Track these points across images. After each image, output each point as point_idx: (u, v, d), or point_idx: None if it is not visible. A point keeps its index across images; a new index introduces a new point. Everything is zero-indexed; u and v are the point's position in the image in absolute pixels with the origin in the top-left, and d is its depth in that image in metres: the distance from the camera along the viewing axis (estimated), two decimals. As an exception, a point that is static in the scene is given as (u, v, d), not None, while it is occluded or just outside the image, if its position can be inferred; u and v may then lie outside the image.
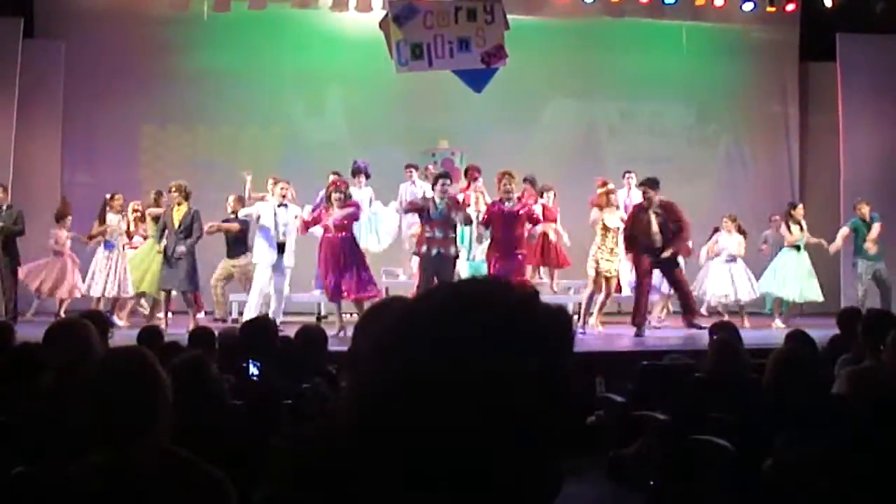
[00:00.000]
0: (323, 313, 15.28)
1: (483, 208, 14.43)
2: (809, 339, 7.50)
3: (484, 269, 13.98)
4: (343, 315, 13.93)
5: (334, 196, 13.92)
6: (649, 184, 14.06)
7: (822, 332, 8.95)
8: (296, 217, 14.10)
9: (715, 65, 19.62)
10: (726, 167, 19.07)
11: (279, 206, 14.08)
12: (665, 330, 14.94)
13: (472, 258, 14.42)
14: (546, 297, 14.55)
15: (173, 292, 14.70)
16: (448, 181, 13.76)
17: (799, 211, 15.87)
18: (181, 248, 14.18)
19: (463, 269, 14.25)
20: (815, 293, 15.86)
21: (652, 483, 5.90)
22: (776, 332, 13.80)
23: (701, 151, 18.64)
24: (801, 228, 15.75)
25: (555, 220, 16.03)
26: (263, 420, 5.57)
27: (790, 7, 19.16)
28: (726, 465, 5.22)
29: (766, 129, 19.75)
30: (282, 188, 14.17)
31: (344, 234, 13.89)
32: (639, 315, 14.11)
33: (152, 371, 3.45)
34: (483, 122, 17.91)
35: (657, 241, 13.90)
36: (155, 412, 3.37)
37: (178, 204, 14.41)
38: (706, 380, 6.75)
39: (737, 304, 15.95)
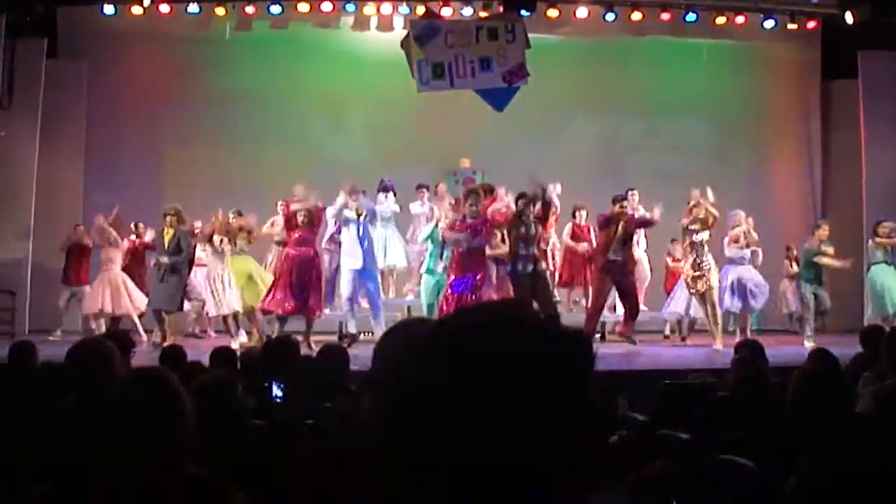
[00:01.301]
0: (345, 332, 15.26)
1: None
2: (832, 357, 7.45)
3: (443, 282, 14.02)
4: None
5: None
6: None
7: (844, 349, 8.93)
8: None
9: (736, 82, 19.58)
10: (748, 185, 18.99)
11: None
12: (688, 348, 14.90)
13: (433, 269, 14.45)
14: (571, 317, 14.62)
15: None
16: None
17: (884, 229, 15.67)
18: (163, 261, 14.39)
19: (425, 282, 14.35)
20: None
21: (674, 503, 5.87)
22: (801, 349, 13.67)
23: (723, 169, 18.55)
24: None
25: (589, 241, 16.03)
26: (286, 440, 5.56)
27: (811, 24, 19.14)
28: (748, 484, 5.20)
29: (788, 147, 19.70)
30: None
31: (304, 249, 13.98)
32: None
33: (174, 393, 3.46)
34: (504, 140, 17.91)
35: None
36: (176, 434, 3.37)
37: (171, 225, 14.45)
38: (728, 398, 6.73)
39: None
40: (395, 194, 16.18)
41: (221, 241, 14.82)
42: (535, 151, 18.32)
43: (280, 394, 6.78)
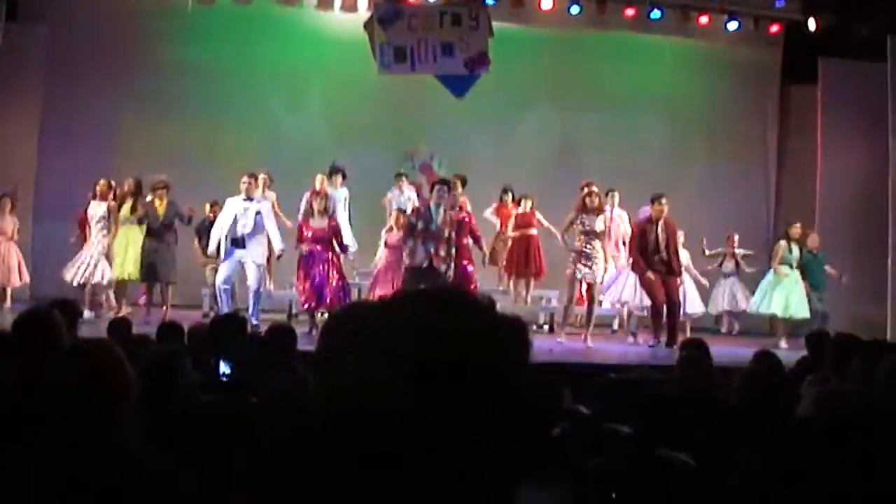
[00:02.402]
0: (294, 311, 15.22)
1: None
2: (776, 359, 7.53)
3: None
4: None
5: (315, 204, 14.00)
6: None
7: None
8: (260, 213, 14.07)
9: (696, 82, 19.68)
10: (703, 185, 19.09)
11: (244, 199, 14.03)
12: (637, 345, 14.99)
13: None
14: (518, 308, 14.63)
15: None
16: (445, 188, 13.49)
17: (796, 230, 15.95)
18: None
19: None
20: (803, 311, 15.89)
21: (614, 496, 5.91)
22: (746, 350, 13.73)
23: (678, 168, 18.66)
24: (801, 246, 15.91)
25: (532, 226, 16.14)
26: (231, 417, 5.55)
27: (774, 28, 19.23)
28: (688, 481, 5.24)
29: (744, 149, 19.78)
30: (245, 183, 14.10)
31: (322, 245, 13.94)
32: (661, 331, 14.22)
33: (118, 365, 3.44)
34: (463, 127, 17.92)
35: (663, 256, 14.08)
36: (119, 406, 3.36)
37: (160, 199, 14.48)
38: (672, 395, 6.78)
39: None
40: (344, 177, 16.16)
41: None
42: (493, 139, 18.36)
43: (227, 371, 6.77)
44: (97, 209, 14.85)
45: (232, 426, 4.91)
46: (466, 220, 13.77)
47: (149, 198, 14.80)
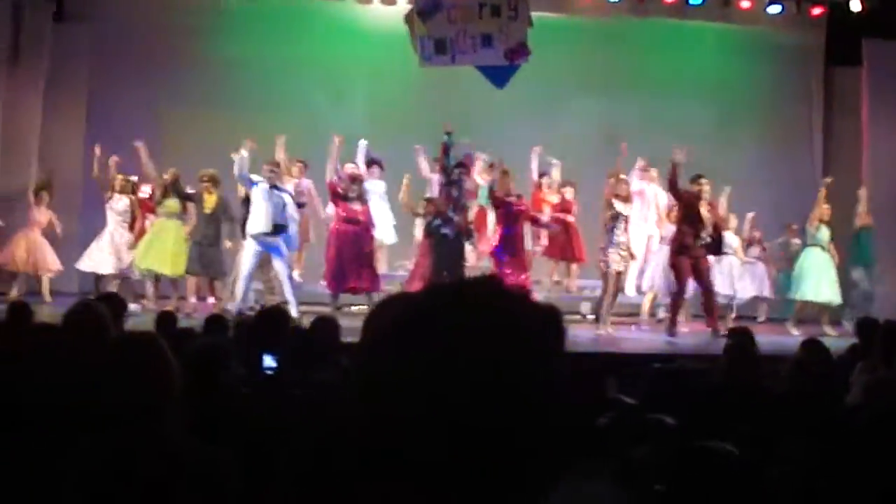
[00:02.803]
0: (338, 303, 15.26)
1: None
2: (824, 347, 7.46)
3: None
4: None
5: (353, 186, 14.15)
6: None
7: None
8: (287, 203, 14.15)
9: (740, 67, 19.52)
10: (748, 170, 18.92)
11: (270, 188, 14.09)
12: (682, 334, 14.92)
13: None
14: (560, 297, 14.62)
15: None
16: (464, 170, 14.28)
17: (825, 210, 15.86)
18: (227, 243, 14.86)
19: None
20: (834, 295, 15.78)
21: (658, 488, 5.89)
22: (793, 339, 13.63)
23: (723, 153, 18.50)
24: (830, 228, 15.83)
25: (570, 213, 16.13)
26: (275, 411, 5.57)
27: (817, 11, 19.06)
28: (734, 471, 5.21)
29: (789, 133, 19.62)
30: (270, 171, 14.20)
31: (356, 227, 14.07)
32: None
33: (162, 358, 3.46)
34: (504, 118, 17.88)
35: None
36: (162, 399, 3.38)
37: (208, 192, 14.59)
38: (719, 385, 6.74)
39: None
40: (381, 168, 16.23)
41: None
42: (534, 130, 18.28)
43: (273, 364, 6.78)
44: (118, 203, 15.02)
45: (275, 420, 4.92)
46: (522, 208, 14.00)
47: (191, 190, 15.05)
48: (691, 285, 14.44)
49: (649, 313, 16.07)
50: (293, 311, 13.09)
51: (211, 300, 15.16)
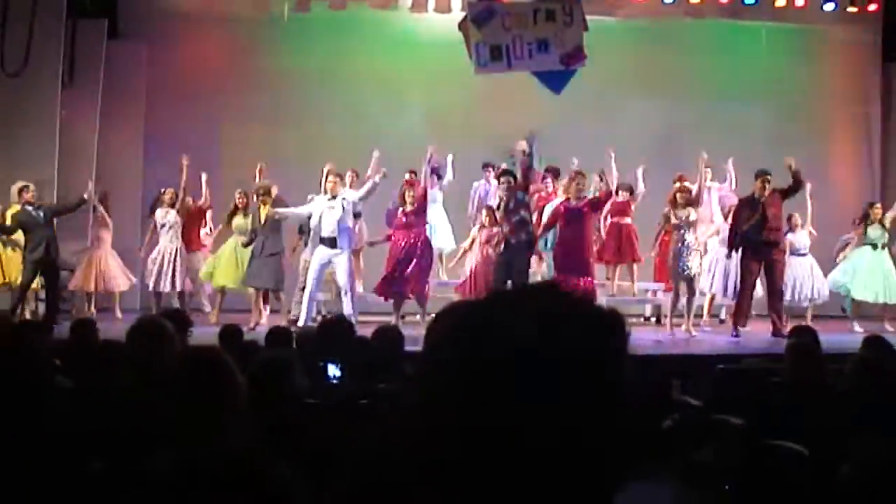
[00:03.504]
0: (402, 313, 15.30)
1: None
2: (888, 343, 7.39)
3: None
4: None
5: (408, 194, 14.24)
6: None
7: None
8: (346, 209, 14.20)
9: (795, 66, 19.38)
10: (807, 169, 18.74)
11: (330, 199, 14.17)
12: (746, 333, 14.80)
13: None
14: (625, 299, 14.54)
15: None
16: (511, 179, 14.05)
17: (877, 211, 15.70)
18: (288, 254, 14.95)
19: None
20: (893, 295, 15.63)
21: (727, 488, 5.87)
22: (855, 336, 13.47)
23: (781, 153, 18.30)
24: (884, 227, 15.62)
25: (627, 215, 16.10)
26: (341, 421, 5.61)
27: (872, 7, 18.88)
28: (802, 470, 5.18)
29: (847, 131, 19.47)
30: (331, 181, 14.26)
31: (415, 231, 14.18)
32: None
33: (226, 373, 3.49)
34: (562, 123, 17.85)
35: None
36: (226, 414, 3.41)
37: (264, 204, 14.69)
38: (783, 384, 6.71)
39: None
40: (440, 177, 16.26)
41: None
42: (592, 134, 18.23)
43: (337, 373, 6.81)
44: (166, 217, 15.17)
45: (341, 429, 4.95)
46: (586, 210, 13.98)
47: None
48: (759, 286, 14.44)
49: (710, 314, 15.97)
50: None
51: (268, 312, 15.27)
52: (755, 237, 13.98)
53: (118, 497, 3.36)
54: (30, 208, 14.60)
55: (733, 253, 14.45)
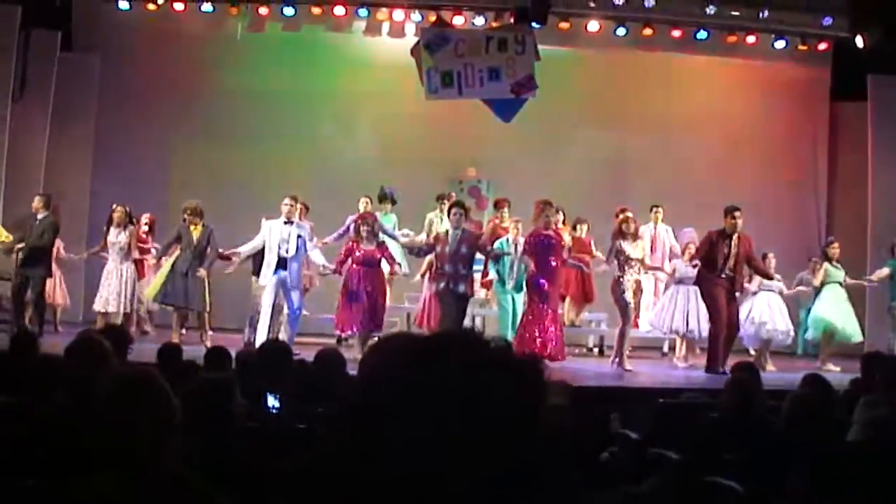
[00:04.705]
0: (342, 336, 15.23)
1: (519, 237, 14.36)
2: (826, 382, 7.44)
3: (520, 299, 14.05)
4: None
5: (362, 229, 14.08)
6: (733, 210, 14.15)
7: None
8: (302, 237, 14.13)
9: (745, 101, 19.53)
10: (753, 203, 18.88)
11: (285, 223, 14.11)
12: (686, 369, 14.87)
13: (510, 287, 14.34)
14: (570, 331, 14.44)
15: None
16: (462, 211, 13.76)
17: (835, 249, 15.82)
18: (202, 272, 14.34)
19: (504, 299, 14.29)
20: (855, 331, 15.72)
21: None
22: (796, 375, 13.42)
23: (728, 187, 18.44)
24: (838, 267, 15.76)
25: (590, 253, 15.98)
26: (277, 445, 5.57)
27: (822, 46, 19.09)
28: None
29: (794, 169, 19.61)
30: (287, 205, 14.18)
31: (369, 268, 14.07)
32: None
33: (159, 394, 3.45)
34: (511, 151, 17.94)
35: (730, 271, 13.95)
36: (161, 435, 3.37)
37: (194, 224, 14.51)
38: (722, 419, 6.74)
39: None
40: (393, 202, 16.16)
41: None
42: (541, 163, 18.35)
43: (276, 404, 6.75)
44: (118, 237, 14.97)
45: (277, 453, 4.92)
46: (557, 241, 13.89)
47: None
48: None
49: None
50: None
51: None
52: (720, 269, 13.99)
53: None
54: None
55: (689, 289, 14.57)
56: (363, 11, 18.78)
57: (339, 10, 18.48)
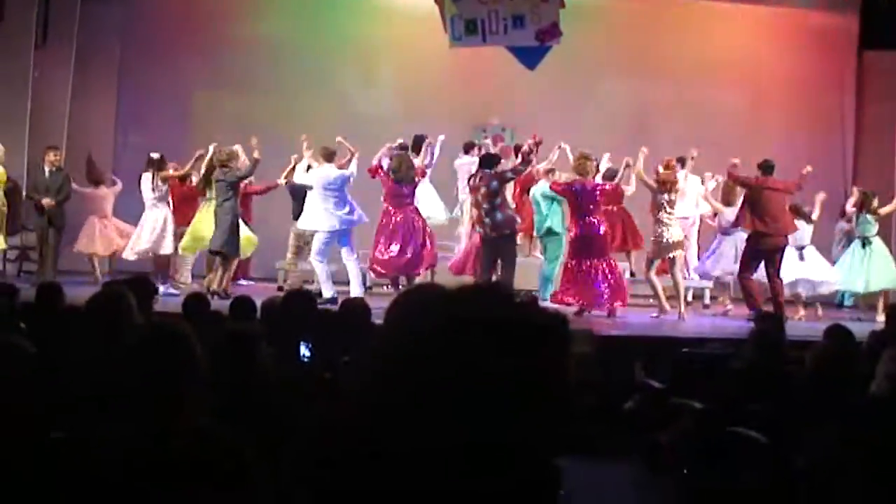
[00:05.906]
0: (368, 284, 15.24)
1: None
2: (849, 333, 7.43)
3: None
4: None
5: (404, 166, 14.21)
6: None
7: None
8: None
9: (772, 50, 19.35)
10: (779, 155, 18.75)
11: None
12: (710, 318, 14.87)
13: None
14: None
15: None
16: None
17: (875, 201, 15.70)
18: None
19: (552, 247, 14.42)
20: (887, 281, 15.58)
21: (685, 470, 5.93)
22: (820, 325, 13.36)
23: (753, 137, 18.34)
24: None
25: (619, 202, 15.93)
26: (303, 395, 5.60)
27: (851, -8, 18.90)
28: (758, 457, 5.23)
29: (821, 118, 19.42)
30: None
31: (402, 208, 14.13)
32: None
33: (184, 346, 3.47)
34: (535, 99, 17.84)
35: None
36: (187, 387, 3.40)
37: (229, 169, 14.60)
38: (744, 370, 6.75)
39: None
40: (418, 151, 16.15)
41: None
42: (565, 111, 18.25)
43: (308, 354, 6.78)
44: (146, 183, 14.97)
45: (303, 403, 4.96)
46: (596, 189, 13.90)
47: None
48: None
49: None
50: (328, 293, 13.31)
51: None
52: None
53: (78, 469, 3.35)
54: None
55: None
56: (387, -42, 18.71)
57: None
